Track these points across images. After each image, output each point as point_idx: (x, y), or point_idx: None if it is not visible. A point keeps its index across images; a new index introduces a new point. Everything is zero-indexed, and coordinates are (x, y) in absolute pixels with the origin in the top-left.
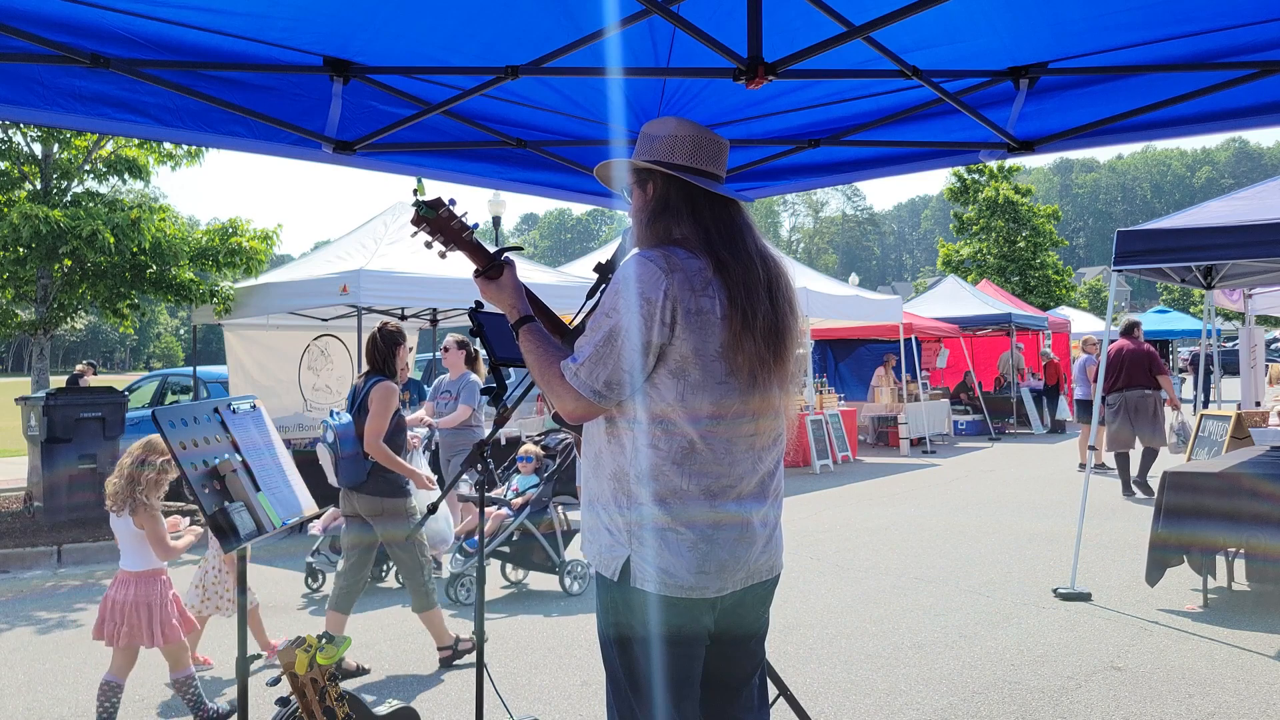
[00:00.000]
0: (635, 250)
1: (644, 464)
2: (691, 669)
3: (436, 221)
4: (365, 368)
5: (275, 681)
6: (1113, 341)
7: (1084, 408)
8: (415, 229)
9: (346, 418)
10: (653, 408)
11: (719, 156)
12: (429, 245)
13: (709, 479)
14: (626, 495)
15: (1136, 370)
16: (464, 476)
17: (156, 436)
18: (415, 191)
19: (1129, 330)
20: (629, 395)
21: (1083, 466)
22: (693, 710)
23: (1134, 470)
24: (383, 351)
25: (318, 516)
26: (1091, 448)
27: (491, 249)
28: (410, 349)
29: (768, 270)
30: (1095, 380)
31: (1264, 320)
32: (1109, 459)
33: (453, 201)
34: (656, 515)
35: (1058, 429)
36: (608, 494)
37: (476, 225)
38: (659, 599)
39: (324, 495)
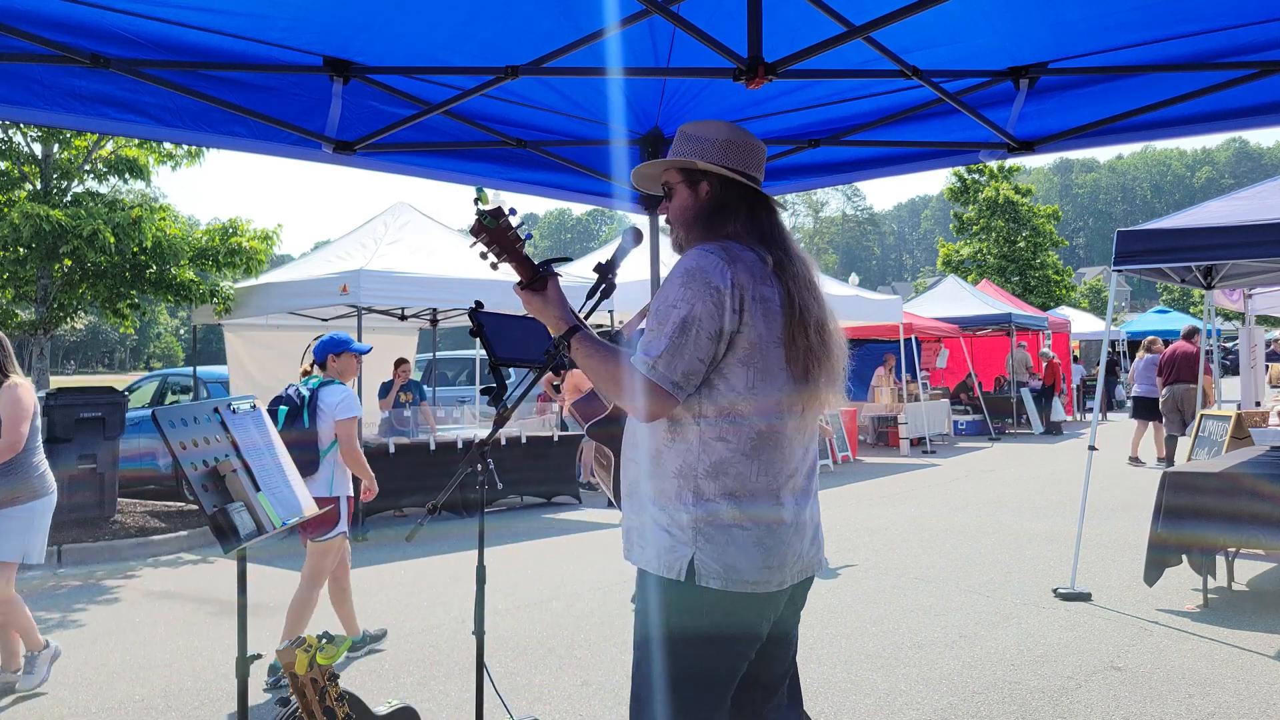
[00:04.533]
0: (693, 247)
1: (714, 458)
2: (740, 667)
3: (496, 232)
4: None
5: (275, 681)
6: (1172, 342)
7: (1142, 404)
8: (474, 239)
9: None
10: (720, 400)
11: (762, 163)
12: (484, 256)
13: (774, 471)
14: (693, 492)
15: (1186, 369)
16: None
17: None
18: (477, 200)
19: (1189, 335)
20: (695, 388)
21: (1133, 460)
22: (723, 713)
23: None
24: None
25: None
26: (1091, 448)
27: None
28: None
29: (809, 270)
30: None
31: (1264, 320)
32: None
33: (513, 211)
34: (724, 511)
35: (1053, 430)
36: (670, 492)
37: (530, 236)
38: (726, 595)
39: None
